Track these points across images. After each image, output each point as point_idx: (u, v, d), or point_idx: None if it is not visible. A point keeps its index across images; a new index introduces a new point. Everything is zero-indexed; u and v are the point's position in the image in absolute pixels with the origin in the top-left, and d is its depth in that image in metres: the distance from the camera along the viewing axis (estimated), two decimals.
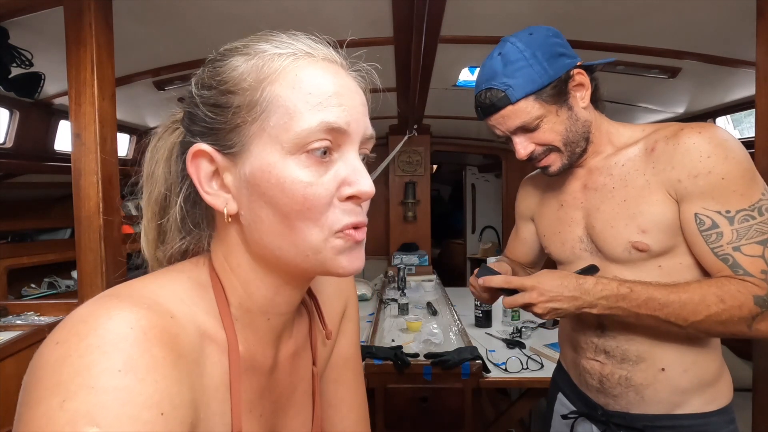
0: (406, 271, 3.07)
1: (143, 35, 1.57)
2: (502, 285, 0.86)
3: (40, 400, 0.30)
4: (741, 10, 1.31)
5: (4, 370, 1.07)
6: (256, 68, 0.43)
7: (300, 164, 0.41)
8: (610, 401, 0.90)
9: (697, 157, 0.76)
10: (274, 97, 0.42)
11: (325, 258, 0.43)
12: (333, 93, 0.42)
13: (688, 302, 0.75)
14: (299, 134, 0.40)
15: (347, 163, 0.43)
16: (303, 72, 0.42)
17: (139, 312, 0.35)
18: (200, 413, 0.39)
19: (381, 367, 1.65)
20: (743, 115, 2.31)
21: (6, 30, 1.36)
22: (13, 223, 2.19)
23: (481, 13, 1.55)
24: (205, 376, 0.41)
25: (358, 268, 0.45)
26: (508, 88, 0.82)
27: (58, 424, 0.29)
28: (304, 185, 0.41)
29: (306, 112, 0.41)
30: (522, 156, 0.88)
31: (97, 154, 1.20)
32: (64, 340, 0.33)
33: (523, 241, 1.15)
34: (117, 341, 0.33)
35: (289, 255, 0.44)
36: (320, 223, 0.42)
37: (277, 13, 1.44)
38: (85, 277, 1.24)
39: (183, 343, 0.38)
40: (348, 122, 0.42)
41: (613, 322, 0.87)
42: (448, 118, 3.28)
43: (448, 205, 7.18)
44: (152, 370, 0.33)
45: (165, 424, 0.33)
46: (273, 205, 0.42)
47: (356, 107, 0.44)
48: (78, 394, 0.30)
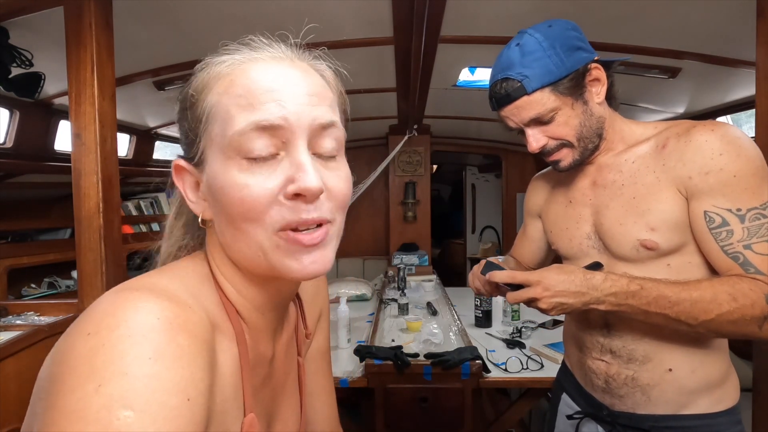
0: (406, 271, 3.07)
1: (143, 35, 1.57)
2: (507, 280, 0.85)
3: (75, 386, 0.32)
4: (741, 10, 1.31)
5: (4, 370, 1.07)
6: (201, 80, 0.44)
7: (239, 168, 0.41)
8: (616, 401, 0.90)
9: (709, 155, 0.75)
10: (213, 106, 0.43)
11: (274, 260, 0.43)
12: (266, 90, 0.41)
13: (699, 300, 0.73)
14: (232, 138, 0.41)
15: (293, 160, 0.42)
16: (238, 75, 0.43)
17: (162, 303, 0.37)
18: (217, 397, 0.41)
19: (381, 367, 1.65)
20: (743, 115, 2.30)
21: (6, 30, 1.36)
22: (13, 223, 2.18)
23: (481, 13, 1.55)
24: (219, 363, 0.43)
25: (313, 272, 0.43)
26: (524, 79, 0.81)
27: (93, 407, 0.30)
28: (240, 187, 0.41)
29: (237, 116, 0.41)
30: (534, 149, 0.87)
31: (97, 154, 1.20)
32: (95, 331, 0.34)
33: (530, 238, 1.15)
34: (146, 331, 0.34)
35: (246, 257, 0.45)
36: (263, 223, 0.42)
37: (277, 13, 1.44)
38: (85, 277, 1.24)
39: (202, 331, 0.40)
40: (283, 116, 0.41)
41: (619, 322, 0.87)
42: (448, 118, 3.28)
43: (448, 205, 7.18)
44: (178, 357, 0.35)
45: (190, 409, 0.34)
46: (223, 210, 0.43)
47: (298, 98, 0.42)
48: (112, 380, 0.31)
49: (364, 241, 4.30)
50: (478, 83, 2.40)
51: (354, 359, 1.77)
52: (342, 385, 1.64)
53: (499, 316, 2.29)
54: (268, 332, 0.52)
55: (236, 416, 0.45)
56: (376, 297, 2.90)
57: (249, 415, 0.46)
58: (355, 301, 2.86)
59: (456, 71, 2.24)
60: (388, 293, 2.90)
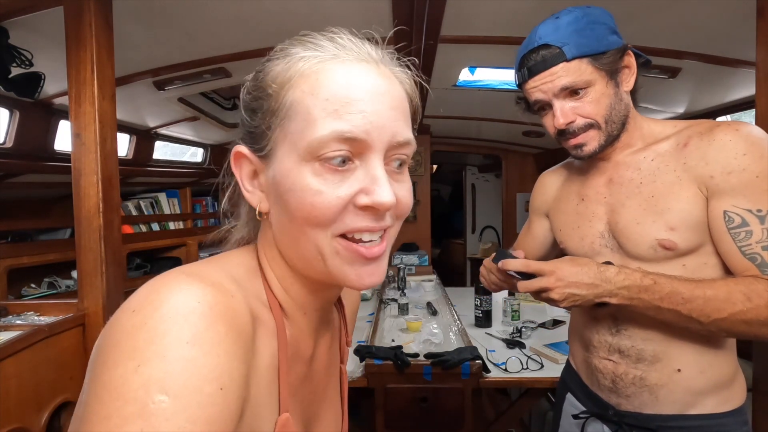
0: (406, 271, 3.07)
1: (143, 35, 1.57)
2: (521, 268, 0.84)
3: (117, 362, 0.33)
4: (741, 10, 1.31)
5: (4, 370, 1.07)
6: (282, 72, 0.43)
7: (313, 172, 0.41)
8: (623, 401, 0.89)
9: (733, 154, 0.75)
10: (294, 103, 0.42)
11: (332, 266, 0.43)
12: (353, 99, 0.41)
13: (712, 298, 0.73)
14: (311, 143, 0.40)
15: (368, 172, 0.42)
16: (325, 76, 0.42)
17: (205, 288, 0.37)
18: (251, 390, 0.41)
19: (381, 367, 1.65)
20: (743, 115, 2.30)
21: (6, 30, 1.36)
22: (13, 223, 2.18)
23: (481, 13, 1.55)
24: (257, 356, 0.43)
25: (369, 284, 0.44)
26: (564, 45, 0.79)
27: (133, 386, 0.32)
28: (313, 192, 0.41)
29: (321, 120, 0.40)
30: (561, 124, 0.83)
31: (97, 154, 1.20)
32: (139, 308, 0.35)
33: (534, 237, 1.13)
34: (187, 313, 0.35)
35: (303, 259, 0.45)
36: (327, 229, 0.42)
37: (278, 13, 1.44)
38: (85, 277, 1.24)
39: (241, 322, 0.40)
40: (367, 131, 0.41)
41: (628, 321, 0.86)
42: (448, 118, 3.28)
43: (448, 205, 7.18)
44: (216, 344, 0.35)
45: (223, 398, 0.35)
46: (287, 210, 0.43)
47: (381, 113, 0.42)
48: (152, 361, 0.33)
49: None
50: (478, 83, 2.40)
51: (354, 359, 1.77)
52: None
53: (499, 316, 2.29)
54: (310, 332, 0.52)
55: (270, 412, 0.44)
56: (376, 297, 2.90)
57: (284, 414, 0.45)
58: None
59: (456, 71, 2.24)
60: (388, 293, 2.90)
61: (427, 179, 3.94)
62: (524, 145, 4.06)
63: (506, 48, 1.73)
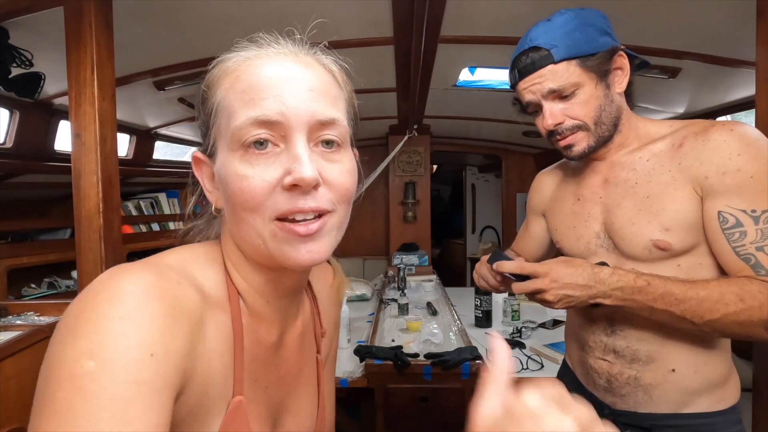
0: (406, 271, 3.07)
1: (143, 35, 1.57)
2: (515, 271, 0.84)
3: (60, 340, 0.37)
4: (741, 10, 1.31)
5: (4, 370, 1.07)
6: (211, 76, 0.48)
7: (240, 159, 0.44)
8: (618, 400, 0.89)
9: (727, 154, 0.74)
10: (220, 100, 0.46)
11: (272, 248, 0.45)
12: (266, 86, 0.44)
13: (706, 299, 0.73)
14: (233, 132, 0.44)
15: (290, 153, 0.44)
16: (243, 71, 0.45)
17: (145, 274, 0.40)
18: (198, 368, 0.43)
19: (381, 367, 1.65)
20: (743, 115, 2.30)
21: (6, 30, 1.36)
22: (13, 223, 2.18)
23: (481, 13, 1.55)
24: (208, 337, 0.45)
25: (308, 260, 0.45)
26: (553, 47, 0.80)
27: (68, 358, 0.36)
28: (240, 178, 0.43)
29: (239, 110, 0.44)
30: (549, 125, 0.84)
31: (97, 154, 1.20)
32: (83, 297, 0.39)
33: (532, 236, 1.14)
34: (123, 296, 0.38)
35: (248, 244, 0.47)
36: (261, 212, 0.44)
37: (277, 13, 1.44)
38: (85, 277, 1.24)
39: (185, 303, 0.42)
40: (281, 112, 0.43)
41: (623, 321, 0.86)
42: (448, 118, 3.28)
43: (448, 205, 7.18)
44: (148, 320, 0.38)
45: (156, 364, 0.37)
46: (228, 199, 0.46)
47: (297, 95, 0.44)
48: (86, 335, 0.36)
49: (364, 241, 4.30)
50: (478, 83, 2.40)
51: (354, 359, 1.77)
52: (342, 385, 1.64)
53: (499, 316, 2.29)
54: (274, 320, 0.53)
55: (223, 394, 0.46)
56: (376, 297, 2.90)
57: (237, 397, 0.47)
58: (355, 301, 2.86)
59: (456, 71, 2.24)
60: (388, 293, 2.90)
61: (427, 179, 3.93)
62: (524, 145, 4.06)
63: (506, 48, 1.72)
